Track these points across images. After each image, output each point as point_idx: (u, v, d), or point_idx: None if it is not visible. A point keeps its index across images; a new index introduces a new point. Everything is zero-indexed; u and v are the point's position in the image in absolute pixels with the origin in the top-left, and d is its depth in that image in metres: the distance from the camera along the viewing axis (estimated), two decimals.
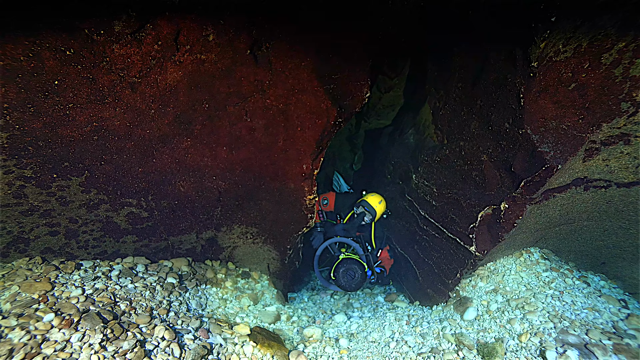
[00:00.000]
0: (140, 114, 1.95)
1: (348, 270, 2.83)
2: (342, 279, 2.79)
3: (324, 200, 3.91)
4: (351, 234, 3.53)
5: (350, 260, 2.89)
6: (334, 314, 2.93)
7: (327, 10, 2.13)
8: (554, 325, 2.12)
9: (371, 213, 3.55)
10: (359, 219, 3.54)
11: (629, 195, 2.31)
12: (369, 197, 3.63)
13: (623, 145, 2.12)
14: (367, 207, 3.55)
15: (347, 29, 2.27)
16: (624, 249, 2.68)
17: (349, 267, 2.84)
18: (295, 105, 2.22)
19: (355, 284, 2.83)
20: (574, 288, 2.49)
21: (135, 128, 2.01)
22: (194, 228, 2.80)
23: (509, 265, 2.81)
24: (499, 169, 2.60)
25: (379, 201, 3.61)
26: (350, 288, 2.83)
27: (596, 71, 2.02)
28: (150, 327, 1.86)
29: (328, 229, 3.66)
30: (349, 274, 2.84)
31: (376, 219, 3.66)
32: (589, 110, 2.10)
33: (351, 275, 2.83)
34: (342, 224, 3.59)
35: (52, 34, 1.49)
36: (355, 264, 2.87)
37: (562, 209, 2.56)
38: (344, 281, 2.80)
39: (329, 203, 3.88)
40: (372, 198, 3.60)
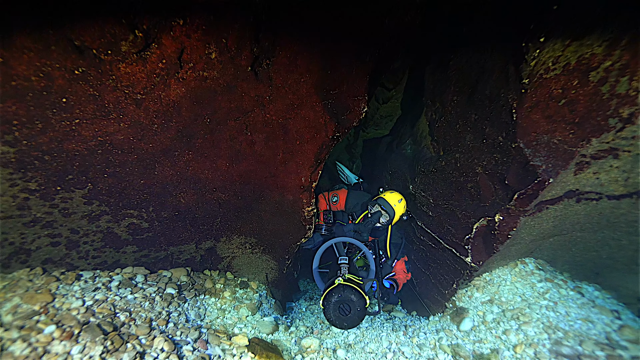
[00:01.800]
0: (143, 128, 2.00)
1: (342, 303, 1.98)
2: (333, 313, 1.97)
3: (334, 197, 3.30)
4: (363, 237, 2.93)
5: (348, 289, 1.98)
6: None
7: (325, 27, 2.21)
8: (548, 337, 2.15)
9: (388, 213, 3.00)
10: (373, 219, 2.98)
11: (620, 207, 2.36)
12: (386, 194, 3.08)
13: (612, 159, 2.18)
14: (384, 205, 2.99)
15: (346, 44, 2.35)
16: (617, 260, 2.73)
17: (345, 298, 1.96)
18: (294, 119, 2.28)
19: (349, 322, 1.99)
20: (568, 299, 2.52)
21: (139, 142, 2.06)
22: (193, 238, 2.84)
23: (504, 276, 2.85)
24: (493, 181, 2.65)
25: (399, 199, 3.06)
26: (342, 326, 1.99)
27: (585, 88, 2.09)
28: (149, 339, 1.88)
29: (337, 230, 3.12)
30: (343, 308, 1.99)
31: (394, 222, 3.11)
32: (579, 125, 2.17)
33: (345, 310, 1.98)
34: (353, 224, 3.03)
35: (62, 54, 1.55)
36: (354, 294, 1.98)
37: (555, 221, 2.62)
38: (334, 316, 1.98)
39: (339, 201, 3.27)
40: (390, 196, 3.07)
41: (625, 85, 1.96)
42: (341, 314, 1.97)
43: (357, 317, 1.96)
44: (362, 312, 1.97)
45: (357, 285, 2.00)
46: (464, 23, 2.88)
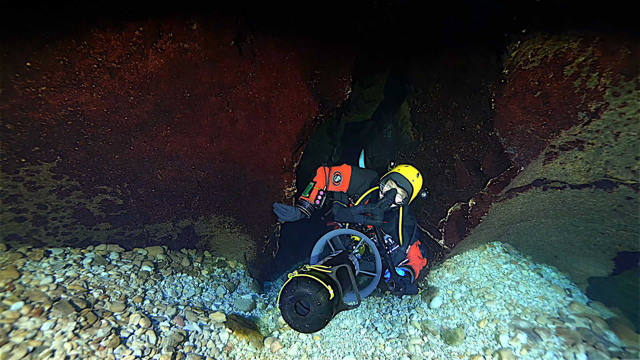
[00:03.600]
0: (118, 100, 1.90)
1: (297, 300, 1.45)
2: (289, 314, 1.45)
3: (336, 175, 2.72)
4: (377, 221, 2.44)
5: (302, 283, 1.44)
6: None
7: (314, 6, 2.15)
8: (508, 312, 2.33)
9: (406, 190, 2.47)
10: (387, 198, 2.44)
11: (580, 196, 2.54)
12: (401, 168, 2.54)
13: (577, 151, 2.32)
14: (401, 181, 2.46)
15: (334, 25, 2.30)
16: (573, 244, 2.95)
17: (299, 293, 1.43)
18: (277, 98, 2.24)
19: (311, 322, 1.44)
20: (529, 279, 2.72)
21: (113, 114, 1.96)
22: (170, 216, 2.78)
23: (473, 258, 3.02)
24: (469, 167, 2.76)
25: (416, 174, 2.55)
26: (304, 329, 1.45)
27: (559, 81, 2.18)
28: (125, 315, 1.86)
29: (340, 214, 2.59)
30: (299, 306, 1.47)
31: (411, 200, 2.61)
32: (551, 117, 2.28)
33: (302, 309, 1.47)
34: (363, 206, 2.49)
35: None
36: (309, 286, 1.43)
37: (523, 207, 2.77)
38: (291, 318, 1.44)
39: (342, 180, 2.70)
40: (406, 170, 2.52)
41: (595, 81, 2.06)
42: (299, 313, 1.45)
43: (319, 314, 1.40)
44: (325, 307, 1.41)
45: (316, 275, 1.45)
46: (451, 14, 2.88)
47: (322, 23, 2.26)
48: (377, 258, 2.10)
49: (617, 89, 2.00)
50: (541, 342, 2.03)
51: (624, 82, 1.96)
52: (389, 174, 2.57)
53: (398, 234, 2.63)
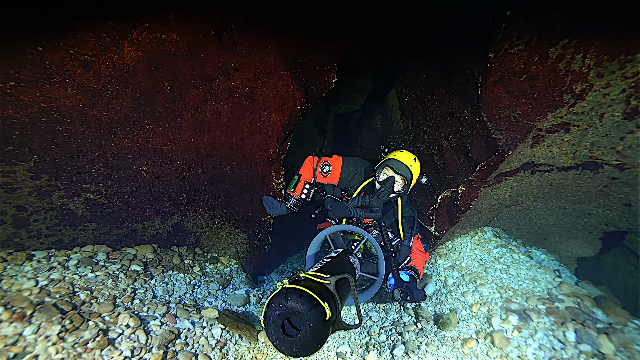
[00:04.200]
0: (95, 95, 1.83)
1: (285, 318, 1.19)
2: (275, 333, 1.19)
3: (324, 166, 2.48)
4: (376, 214, 2.27)
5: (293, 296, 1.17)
6: None
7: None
8: (500, 296, 2.35)
9: (405, 177, 2.26)
10: (386, 188, 2.22)
11: (567, 178, 2.56)
12: (397, 153, 2.33)
13: (564, 133, 2.33)
14: (398, 167, 2.25)
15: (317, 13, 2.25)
16: (562, 226, 2.99)
17: (288, 309, 1.17)
18: (261, 89, 2.19)
19: (300, 346, 1.17)
20: (519, 262, 2.75)
21: (91, 110, 1.89)
22: (158, 214, 2.73)
23: (465, 244, 3.04)
24: (458, 153, 2.76)
25: (413, 158, 2.34)
26: (291, 353, 1.18)
27: (544, 64, 2.18)
28: (113, 316, 1.82)
29: (335, 208, 2.42)
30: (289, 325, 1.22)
31: (410, 188, 2.40)
32: (537, 100, 2.28)
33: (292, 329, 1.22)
34: (360, 198, 2.30)
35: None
36: (302, 302, 1.16)
37: (512, 191, 2.79)
38: (275, 337, 1.19)
39: (332, 171, 2.46)
40: (402, 155, 2.32)
41: (579, 63, 2.06)
42: (287, 334, 1.17)
43: (311, 337, 1.13)
44: (319, 329, 1.13)
45: (310, 287, 1.18)
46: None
47: (306, 10, 2.21)
48: (380, 260, 1.93)
49: (600, 69, 2.01)
50: (532, 322, 2.06)
51: (607, 62, 1.96)
52: (385, 161, 2.36)
53: (398, 227, 2.45)
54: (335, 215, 2.46)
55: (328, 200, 2.52)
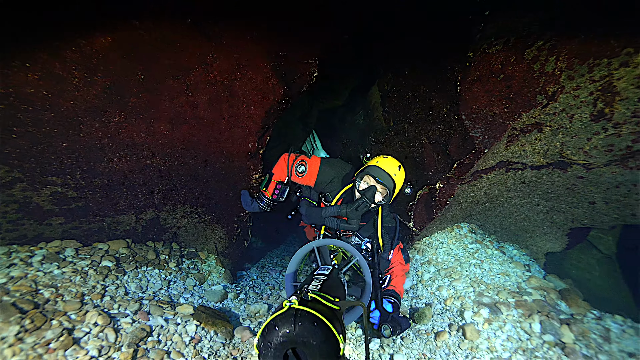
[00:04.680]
0: (60, 81, 1.72)
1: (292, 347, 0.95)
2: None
3: (300, 165, 2.30)
4: (353, 226, 2.10)
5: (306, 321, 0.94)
6: (282, 290, 3.02)
7: None
8: (473, 290, 2.43)
9: (387, 186, 2.07)
10: (366, 198, 2.06)
11: (539, 177, 2.66)
12: (379, 160, 2.14)
13: (537, 133, 2.41)
14: (380, 176, 2.06)
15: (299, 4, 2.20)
16: (533, 222, 3.11)
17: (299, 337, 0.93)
18: (240, 81, 2.13)
19: None
20: (493, 257, 2.85)
21: (56, 98, 1.78)
22: (132, 208, 2.63)
23: (441, 239, 3.11)
24: (437, 151, 2.81)
25: (397, 166, 2.15)
26: None
27: (520, 65, 2.23)
28: (80, 314, 1.75)
29: (309, 214, 2.23)
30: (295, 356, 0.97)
31: (392, 198, 2.20)
32: (513, 100, 2.34)
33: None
34: (337, 207, 2.10)
35: None
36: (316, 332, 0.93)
37: (487, 189, 2.87)
38: None
39: (307, 172, 2.28)
40: (385, 161, 2.13)
41: (553, 65, 2.12)
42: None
43: None
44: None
45: (324, 313, 0.97)
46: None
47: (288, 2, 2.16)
48: (367, 285, 1.71)
49: (571, 72, 2.08)
50: (501, 315, 2.13)
51: (577, 65, 2.03)
52: (366, 167, 2.14)
53: (378, 237, 2.27)
54: (309, 222, 2.27)
55: (303, 203, 2.34)
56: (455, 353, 1.92)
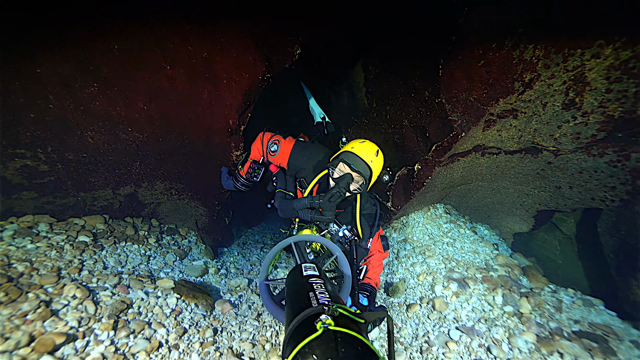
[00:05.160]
0: None
1: None
2: None
3: (272, 143, 2.20)
4: (327, 217, 1.96)
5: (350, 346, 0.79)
6: None
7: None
8: (445, 266, 2.57)
9: (363, 174, 1.94)
10: (339, 187, 1.90)
11: (512, 161, 2.77)
12: (355, 145, 1.98)
13: (512, 119, 2.49)
14: (355, 163, 1.92)
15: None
16: (504, 204, 3.28)
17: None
18: (221, 55, 2.07)
19: None
20: (465, 236, 3.00)
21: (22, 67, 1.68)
22: (109, 183, 2.57)
23: (418, 219, 3.24)
24: (417, 133, 2.86)
25: (375, 151, 1.99)
26: None
27: (500, 51, 2.27)
28: (58, 287, 1.75)
29: (282, 207, 2.09)
30: None
31: (369, 187, 2.08)
32: (492, 86, 2.39)
33: None
34: (310, 198, 1.96)
35: None
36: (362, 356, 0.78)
37: (463, 172, 2.98)
38: None
39: (279, 152, 2.17)
40: (361, 147, 1.98)
41: (530, 53, 2.17)
42: None
43: None
44: None
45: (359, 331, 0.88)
46: None
47: None
48: (346, 282, 1.59)
49: (548, 61, 2.14)
50: (469, 289, 2.29)
51: (554, 54, 2.09)
52: (340, 154, 1.97)
53: (356, 225, 2.12)
54: (284, 216, 2.16)
55: (278, 195, 2.19)
56: (425, 323, 2.07)
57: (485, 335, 1.85)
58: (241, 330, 1.94)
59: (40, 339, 1.40)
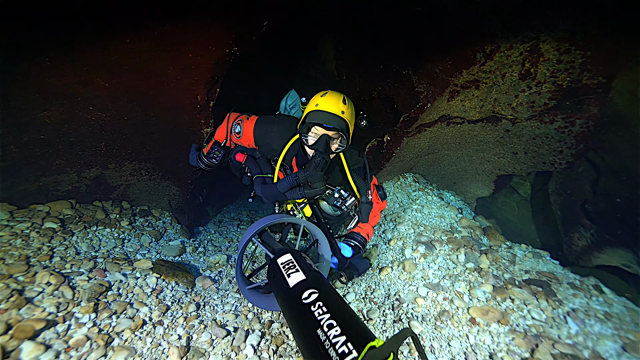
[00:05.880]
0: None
1: None
2: None
3: (236, 125, 2.03)
4: (319, 188, 1.80)
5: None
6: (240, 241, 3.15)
7: None
8: (414, 231, 2.75)
9: (339, 129, 1.72)
10: (319, 153, 1.72)
11: (474, 130, 2.94)
12: (319, 100, 1.76)
13: (474, 90, 2.61)
14: (326, 119, 1.70)
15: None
16: (467, 171, 3.50)
17: None
18: (185, 27, 1.97)
19: None
20: (432, 203, 3.20)
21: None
22: (72, 166, 2.45)
23: (388, 188, 3.39)
24: (385, 105, 2.93)
25: (342, 100, 1.78)
26: None
27: (465, 23, 2.34)
28: (29, 275, 1.71)
29: (265, 193, 1.93)
30: None
31: (350, 137, 1.86)
32: (456, 57, 2.48)
33: None
34: (293, 176, 1.81)
35: None
36: None
37: (430, 141, 3.12)
38: None
39: (243, 132, 2.00)
40: (326, 101, 1.75)
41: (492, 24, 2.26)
42: None
43: None
44: None
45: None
46: None
47: None
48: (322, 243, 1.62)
49: (507, 32, 2.24)
50: (435, 250, 2.49)
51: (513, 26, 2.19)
52: (306, 117, 1.78)
53: (350, 184, 1.99)
54: (271, 201, 2.02)
55: (257, 182, 1.99)
56: (396, 283, 2.24)
57: (449, 289, 2.05)
58: (223, 303, 2.01)
59: (19, 326, 1.39)
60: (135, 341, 1.53)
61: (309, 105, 1.83)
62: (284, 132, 1.96)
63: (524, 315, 1.83)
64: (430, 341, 1.67)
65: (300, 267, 1.33)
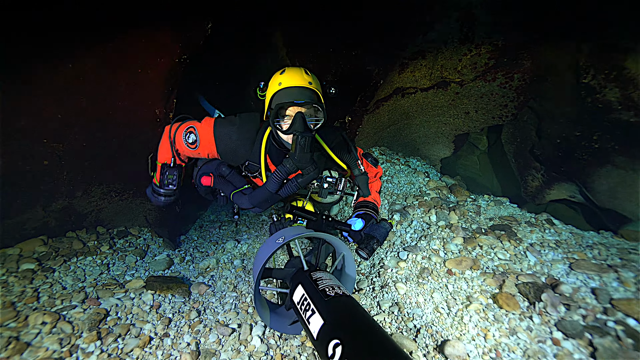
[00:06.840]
0: None
1: None
2: None
3: (189, 134, 1.76)
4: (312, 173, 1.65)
5: None
6: (225, 243, 3.20)
7: None
8: (387, 202, 2.94)
9: (311, 101, 1.54)
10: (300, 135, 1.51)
11: (428, 97, 3.12)
12: (281, 79, 1.57)
13: (421, 60, 2.76)
14: (297, 96, 1.53)
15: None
16: (428, 136, 3.72)
17: None
18: (130, 40, 1.91)
19: None
20: (400, 172, 3.39)
21: None
22: (35, 202, 2.37)
23: None
24: (341, 87, 3.02)
25: (304, 72, 1.63)
26: None
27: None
28: (20, 320, 1.70)
29: (254, 201, 1.77)
30: None
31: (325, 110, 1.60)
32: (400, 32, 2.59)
33: None
34: (281, 168, 1.64)
35: None
36: None
37: (389, 114, 3.27)
38: None
39: (200, 139, 1.74)
40: (288, 77, 1.57)
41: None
42: None
43: None
44: None
45: None
46: None
47: None
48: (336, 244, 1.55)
49: (444, 3, 2.37)
50: (409, 216, 2.69)
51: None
52: (271, 100, 1.59)
53: (336, 162, 1.83)
54: (264, 208, 1.82)
55: (236, 197, 1.82)
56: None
57: (426, 248, 2.27)
58: (222, 304, 2.10)
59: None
60: (147, 357, 1.59)
61: (270, 88, 1.61)
62: (249, 130, 1.75)
63: (491, 258, 2.07)
64: (415, 297, 1.87)
65: (314, 305, 1.16)
